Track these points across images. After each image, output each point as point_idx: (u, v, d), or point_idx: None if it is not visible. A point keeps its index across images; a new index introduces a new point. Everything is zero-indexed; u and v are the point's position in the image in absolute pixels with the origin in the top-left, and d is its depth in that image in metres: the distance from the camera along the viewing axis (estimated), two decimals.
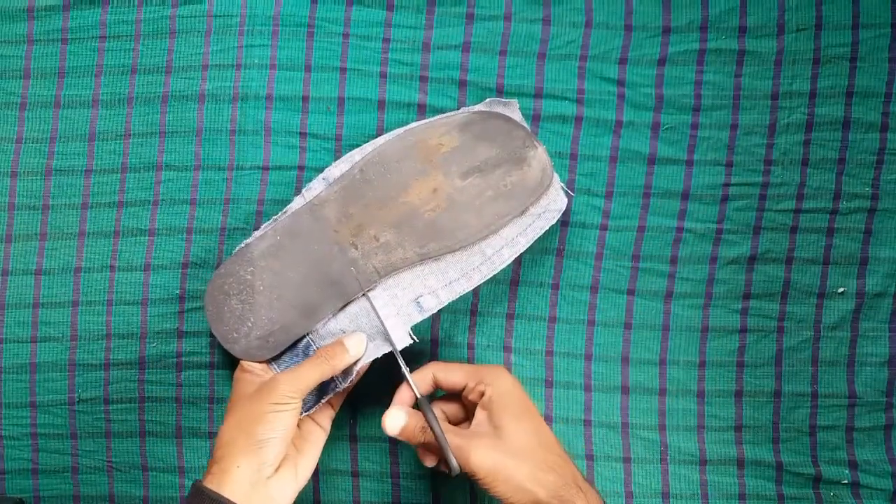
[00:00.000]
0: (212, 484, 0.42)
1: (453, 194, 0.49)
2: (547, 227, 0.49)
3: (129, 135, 0.54)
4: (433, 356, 0.54)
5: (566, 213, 0.54)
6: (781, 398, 0.53)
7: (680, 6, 0.53)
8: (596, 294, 0.54)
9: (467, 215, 0.49)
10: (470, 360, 0.54)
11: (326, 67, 0.54)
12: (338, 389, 0.48)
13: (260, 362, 0.49)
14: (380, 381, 0.53)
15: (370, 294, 0.49)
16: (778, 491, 0.53)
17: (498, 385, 0.45)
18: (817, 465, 0.53)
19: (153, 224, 0.54)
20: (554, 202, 0.50)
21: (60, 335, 0.54)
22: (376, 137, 0.53)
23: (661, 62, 0.54)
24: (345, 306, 0.49)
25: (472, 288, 0.49)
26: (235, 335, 0.49)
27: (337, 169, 0.51)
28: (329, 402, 0.49)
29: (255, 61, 0.54)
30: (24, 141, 0.55)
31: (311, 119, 0.54)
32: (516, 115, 0.51)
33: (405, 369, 0.47)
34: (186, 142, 0.54)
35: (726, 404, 0.53)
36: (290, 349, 0.50)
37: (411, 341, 0.48)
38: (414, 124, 0.51)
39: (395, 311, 0.48)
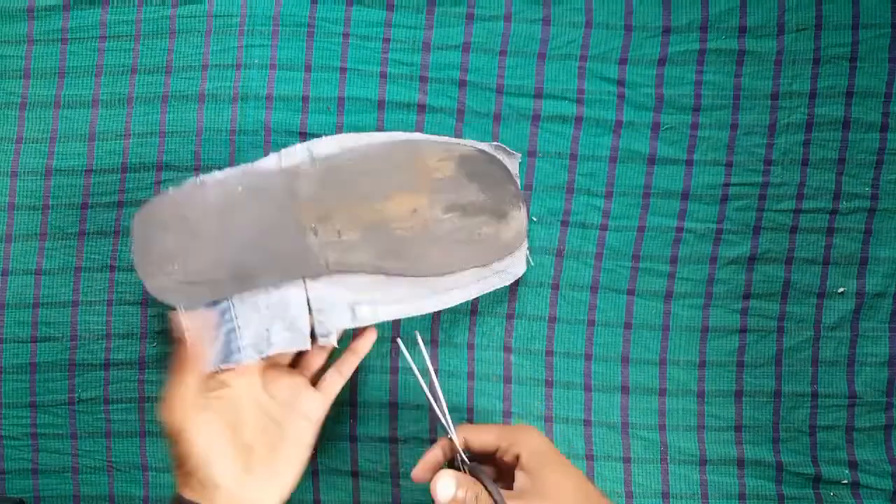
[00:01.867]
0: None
1: (430, 223, 0.47)
2: (500, 286, 0.49)
3: (129, 135, 0.54)
4: (433, 356, 0.54)
5: (566, 213, 0.54)
6: (781, 398, 0.53)
7: (680, 6, 0.53)
8: (596, 294, 0.54)
9: (434, 248, 0.47)
10: (469, 360, 0.54)
11: (326, 67, 0.54)
12: (239, 362, 0.45)
13: (171, 305, 0.46)
14: (380, 380, 0.53)
15: (309, 284, 0.46)
16: (778, 491, 0.53)
17: (531, 445, 0.44)
18: (817, 464, 0.53)
19: None
20: (514, 266, 0.50)
21: (60, 335, 0.54)
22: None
23: (661, 62, 0.54)
24: (280, 284, 0.46)
25: (410, 315, 0.47)
26: (155, 270, 0.44)
27: (325, 146, 0.48)
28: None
29: (255, 61, 0.54)
30: (24, 141, 0.55)
31: (311, 119, 0.54)
32: (514, 169, 0.51)
33: (451, 428, 0.44)
34: (186, 142, 0.54)
35: (726, 404, 0.53)
36: (206, 305, 0.46)
37: (334, 345, 0.46)
38: (418, 135, 0.50)
39: (328, 308, 0.46)
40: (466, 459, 0.44)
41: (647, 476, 0.53)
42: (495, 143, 0.52)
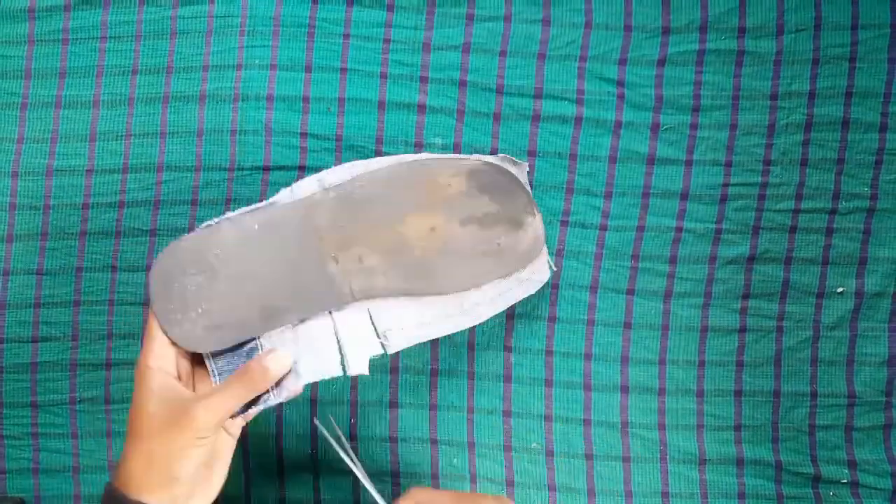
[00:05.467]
0: None
1: (449, 240, 0.47)
2: (525, 296, 0.49)
3: (130, 135, 0.54)
4: (433, 356, 0.54)
5: (565, 213, 0.54)
6: (781, 398, 0.53)
7: (679, 7, 0.54)
8: (596, 294, 0.54)
9: (456, 264, 0.47)
10: (469, 360, 0.54)
11: (327, 68, 0.54)
12: (268, 404, 0.44)
13: (196, 353, 0.44)
14: (380, 381, 0.53)
15: (336, 315, 0.46)
16: (777, 490, 0.53)
17: None
18: (816, 464, 0.53)
19: (154, 224, 0.54)
20: (538, 273, 0.49)
21: (61, 335, 0.54)
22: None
23: (661, 63, 0.54)
24: (306, 319, 0.46)
25: (441, 335, 0.47)
26: (179, 317, 0.43)
27: (334, 175, 0.48)
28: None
29: (256, 62, 0.54)
30: (25, 141, 0.55)
31: (312, 119, 0.54)
32: (522, 177, 0.51)
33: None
34: (187, 142, 0.54)
35: (726, 404, 0.54)
36: (232, 347, 0.45)
37: (366, 373, 0.45)
38: (424, 155, 0.50)
39: (358, 336, 0.46)
40: None
41: (647, 475, 0.53)
42: (501, 154, 0.52)
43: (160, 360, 0.42)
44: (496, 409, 0.54)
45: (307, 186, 0.48)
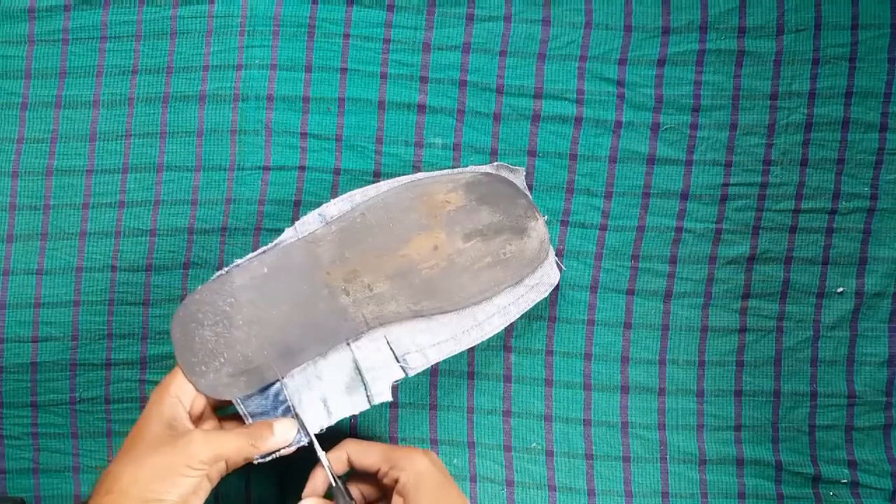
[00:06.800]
0: None
1: (453, 255, 0.48)
2: (538, 300, 0.49)
3: (130, 135, 0.54)
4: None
5: (566, 213, 0.54)
6: (781, 398, 0.54)
7: (679, 7, 0.54)
8: (596, 294, 0.54)
9: (464, 278, 0.48)
10: (470, 360, 0.54)
11: (327, 68, 0.54)
12: (302, 442, 0.45)
13: (226, 400, 0.46)
14: None
15: (353, 345, 0.47)
16: (777, 490, 0.53)
17: (412, 470, 0.43)
18: (817, 464, 0.53)
19: (154, 224, 0.54)
20: (547, 276, 0.50)
21: (61, 335, 0.54)
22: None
23: (661, 62, 0.54)
24: (326, 353, 0.47)
25: (459, 351, 0.48)
26: (204, 369, 0.45)
27: (335, 207, 0.49)
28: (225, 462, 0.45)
29: (256, 62, 0.54)
30: (25, 141, 0.55)
31: (312, 119, 0.54)
32: (520, 183, 0.51)
33: (321, 453, 0.44)
34: (187, 142, 0.54)
35: (726, 404, 0.54)
36: (260, 391, 0.46)
37: (390, 399, 0.46)
38: (421, 175, 0.50)
39: (378, 364, 0.47)
40: (334, 483, 0.44)
41: (647, 475, 0.53)
42: (497, 162, 0.52)
43: (181, 391, 0.44)
44: (496, 409, 0.54)
45: (310, 222, 0.48)
